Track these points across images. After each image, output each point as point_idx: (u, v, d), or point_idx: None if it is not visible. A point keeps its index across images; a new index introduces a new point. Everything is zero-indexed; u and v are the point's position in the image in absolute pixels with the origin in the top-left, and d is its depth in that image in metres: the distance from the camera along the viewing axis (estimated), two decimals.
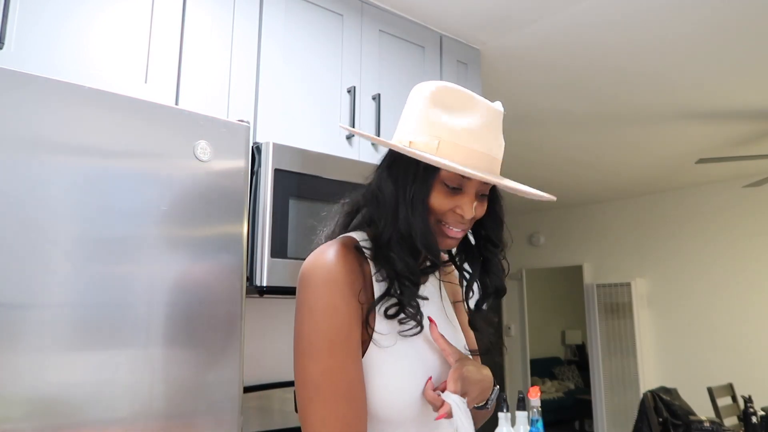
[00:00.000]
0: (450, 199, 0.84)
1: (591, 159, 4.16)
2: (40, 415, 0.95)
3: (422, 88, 0.88)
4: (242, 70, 1.60)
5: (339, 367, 0.77)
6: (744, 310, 4.60)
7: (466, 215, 0.85)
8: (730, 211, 4.77)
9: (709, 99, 2.98)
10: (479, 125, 0.83)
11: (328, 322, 0.78)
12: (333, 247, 0.83)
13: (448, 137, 0.82)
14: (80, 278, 1.02)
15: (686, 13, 2.10)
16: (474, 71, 2.28)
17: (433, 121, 0.84)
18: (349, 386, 0.76)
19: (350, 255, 0.83)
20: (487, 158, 0.84)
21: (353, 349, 0.78)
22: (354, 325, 0.79)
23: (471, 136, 0.83)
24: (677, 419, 3.29)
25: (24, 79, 1.01)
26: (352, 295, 0.80)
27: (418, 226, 0.82)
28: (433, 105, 0.85)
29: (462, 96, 0.85)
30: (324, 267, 0.80)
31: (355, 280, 0.81)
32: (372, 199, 0.88)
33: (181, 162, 1.18)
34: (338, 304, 0.78)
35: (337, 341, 0.77)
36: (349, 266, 0.81)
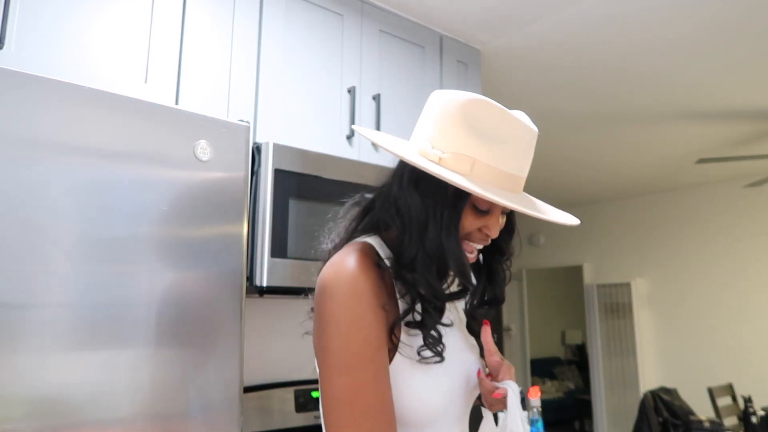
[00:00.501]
0: (478, 220, 0.83)
1: (591, 159, 4.16)
2: (40, 415, 0.95)
3: (453, 98, 0.82)
4: (242, 70, 1.60)
5: (371, 381, 0.74)
6: (744, 310, 4.60)
7: (492, 235, 0.84)
8: (730, 211, 4.77)
9: (709, 99, 2.98)
10: (514, 148, 0.80)
11: (357, 336, 0.75)
12: (353, 256, 0.80)
13: (482, 158, 0.79)
14: (80, 278, 1.02)
15: (686, 12, 2.10)
16: (474, 71, 2.28)
17: (464, 139, 0.79)
18: (381, 400, 0.74)
19: (371, 263, 0.80)
20: (515, 179, 0.81)
21: (382, 360, 0.76)
22: (382, 336, 0.77)
23: (505, 159, 0.80)
24: (677, 419, 3.30)
25: (24, 79, 1.01)
26: (377, 305, 0.77)
27: (452, 250, 0.79)
28: (466, 121, 0.79)
29: (497, 114, 0.80)
30: (347, 277, 0.77)
31: (379, 290, 0.79)
32: (393, 210, 0.84)
33: (181, 162, 1.17)
34: (366, 316, 0.76)
35: (368, 355, 0.75)
36: (372, 275, 0.78)
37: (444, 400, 0.82)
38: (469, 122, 0.79)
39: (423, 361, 0.79)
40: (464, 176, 0.78)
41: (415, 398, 0.79)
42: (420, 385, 0.80)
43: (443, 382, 0.82)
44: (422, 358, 0.79)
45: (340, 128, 1.80)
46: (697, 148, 3.82)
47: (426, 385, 0.80)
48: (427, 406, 0.80)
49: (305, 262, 1.52)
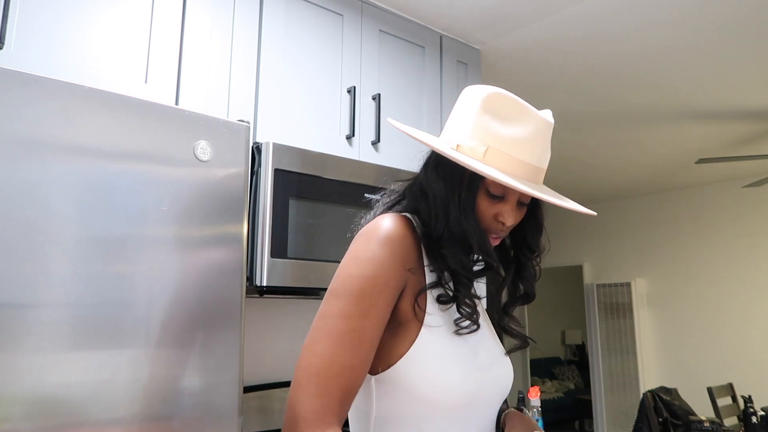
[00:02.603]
0: (492, 206, 0.86)
1: (591, 159, 4.16)
2: (40, 415, 0.95)
3: (475, 91, 0.88)
4: (242, 70, 1.60)
5: (358, 314, 0.75)
6: (744, 310, 4.60)
7: (507, 222, 0.86)
8: (730, 211, 4.77)
9: (709, 99, 2.98)
10: (528, 135, 0.84)
11: (367, 272, 0.77)
12: (392, 216, 0.85)
13: (496, 145, 0.83)
14: (80, 278, 1.02)
15: (686, 13, 2.10)
16: (474, 71, 2.28)
17: (482, 127, 0.84)
18: (359, 335, 0.75)
19: (408, 228, 0.84)
20: (531, 168, 0.84)
21: (380, 306, 0.77)
22: (391, 287, 0.79)
23: (519, 145, 0.83)
24: (677, 419, 3.29)
25: (24, 78, 1.01)
26: (401, 261, 0.80)
27: (472, 230, 0.83)
28: (484, 111, 0.85)
29: (514, 104, 0.85)
30: (383, 227, 0.82)
31: (408, 251, 0.82)
32: (419, 193, 0.89)
33: (181, 162, 1.17)
34: (385, 259, 0.79)
35: (368, 292, 0.77)
36: (406, 236, 0.83)
37: (472, 384, 0.82)
38: (486, 112, 0.85)
39: (460, 331, 0.82)
40: (477, 161, 0.82)
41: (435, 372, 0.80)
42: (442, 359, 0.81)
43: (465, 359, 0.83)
44: (460, 328, 0.82)
45: (340, 128, 1.80)
46: (697, 148, 3.82)
47: (448, 359, 0.81)
48: (447, 380, 0.80)
49: (305, 262, 1.52)
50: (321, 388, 0.72)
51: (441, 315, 0.83)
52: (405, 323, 0.81)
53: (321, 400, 0.71)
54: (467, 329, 0.83)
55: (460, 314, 0.83)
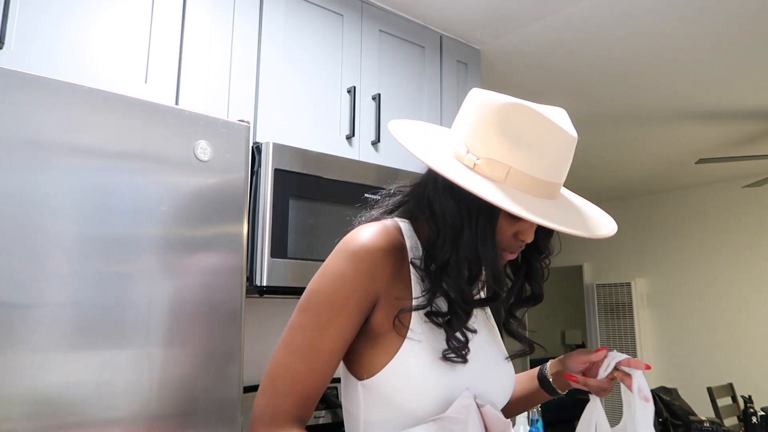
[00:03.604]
0: (512, 226, 0.82)
1: (591, 159, 4.16)
2: (40, 415, 0.95)
3: (492, 101, 0.81)
4: (242, 70, 1.60)
5: (317, 328, 0.77)
6: (744, 310, 4.60)
7: (527, 240, 0.83)
8: (730, 212, 4.77)
9: (709, 99, 2.98)
10: (551, 154, 0.78)
11: (329, 287, 0.78)
12: (374, 228, 0.82)
13: (519, 165, 0.77)
14: (80, 278, 1.02)
15: (686, 13, 2.10)
16: (474, 71, 2.28)
17: (501, 146, 0.78)
18: (316, 348, 0.77)
19: (388, 242, 0.81)
20: (552, 186, 0.80)
21: (341, 320, 0.77)
22: (354, 303, 0.78)
23: (542, 166, 0.78)
24: (677, 419, 3.29)
25: (24, 78, 1.01)
26: (368, 277, 0.78)
27: (488, 257, 0.78)
28: (502, 126, 0.78)
29: (535, 119, 0.78)
30: (352, 241, 0.80)
31: (382, 266, 0.79)
32: (426, 209, 0.83)
33: (181, 162, 1.17)
34: (347, 275, 0.78)
35: (327, 307, 0.78)
36: (378, 250, 0.79)
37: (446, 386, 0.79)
38: (506, 128, 0.78)
39: (446, 361, 0.79)
40: (498, 183, 0.77)
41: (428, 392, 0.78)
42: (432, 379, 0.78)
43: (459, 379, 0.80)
44: (446, 359, 0.79)
45: (340, 128, 1.80)
46: (697, 148, 3.82)
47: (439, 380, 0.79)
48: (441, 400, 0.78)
49: (305, 262, 1.52)
50: (276, 393, 0.77)
51: (428, 331, 0.80)
52: (383, 334, 0.80)
53: (275, 403, 0.77)
54: (454, 360, 0.79)
55: (449, 347, 0.79)
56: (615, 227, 0.87)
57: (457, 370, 0.80)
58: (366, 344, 0.81)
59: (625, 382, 0.90)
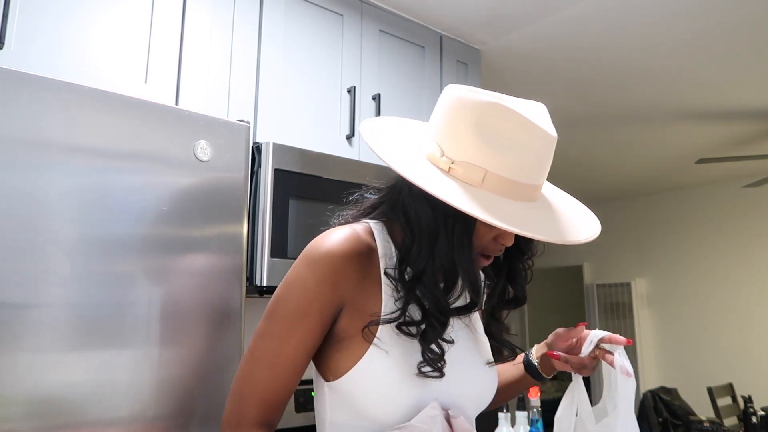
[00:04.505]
0: (491, 230, 0.79)
1: (591, 159, 4.16)
2: (40, 415, 0.95)
3: (469, 101, 0.77)
4: (242, 70, 1.60)
5: (278, 335, 0.78)
6: (744, 310, 4.60)
7: (507, 244, 0.80)
8: (730, 211, 4.77)
9: (709, 99, 2.98)
10: (532, 157, 0.75)
11: (291, 295, 0.79)
12: (345, 232, 0.81)
13: (496, 169, 0.74)
14: (80, 278, 1.02)
15: (686, 13, 2.10)
16: (474, 71, 2.28)
17: (478, 149, 0.74)
18: (277, 354, 0.78)
19: (354, 245, 0.80)
20: (531, 188, 0.77)
21: (303, 330, 0.77)
22: (316, 311, 0.77)
23: (520, 168, 0.75)
24: (677, 419, 3.29)
25: (24, 78, 1.01)
26: (331, 284, 0.77)
27: (464, 265, 0.76)
28: (479, 127, 0.75)
29: (513, 120, 0.74)
30: (317, 247, 0.80)
31: (347, 272, 0.78)
32: (401, 214, 0.81)
33: (181, 162, 1.17)
34: (308, 284, 0.78)
35: (288, 316, 0.78)
36: (343, 256, 0.78)
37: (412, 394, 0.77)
38: (482, 128, 0.75)
39: (421, 376, 0.77)
40: (474, 188, 0.74)
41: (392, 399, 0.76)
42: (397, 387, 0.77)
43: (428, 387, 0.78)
44: (421, 374, 0.77)
45: (340, 128, 1.80)
46: (697, 148, 3.82)
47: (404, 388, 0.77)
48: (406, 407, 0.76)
49: None
50: (241, 399, 0.79)
51: (399, 339, 0.78)
52: (347, 339, 0.79)
53: (240, 409, 0.79)
54: (431, 375, 0.77)
55: (424, 359, 0.77)
56: (597, 230, 0.85)
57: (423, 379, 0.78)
58: (332, 347, 0.81)
59: (606, 359, 0.90)
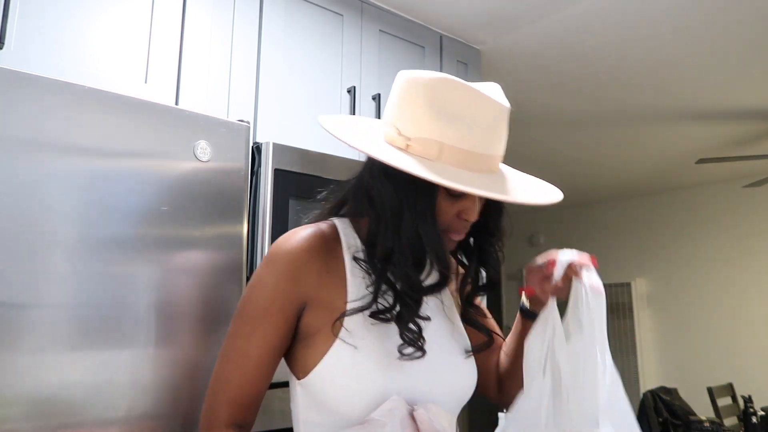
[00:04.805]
0: (453, 205, 0.80)
1: (591, 159, 4.16)
2: (40, 415, 0.95)
3: (420, 79, 0.79)
4: (242, 70, 1.60)
5: (243, 335, 0.80)
6: (744, 310, 4.60)
7: (471, 219, 0.81)
8: (730, 211, 4.77)
9: (709, 99, 2.98)
10: (485, 126, 0.77)
11: (253, 295, 0.80)
12: (306, 231, 0.82)
13: (451, 141, 0.76)
14: (80, 278, 1.02)
15: (687, 13, 2.10)
16: (474, 71, 2.28)
17: (433, 121, 0.76)
18: (243, 354, 0.79)
19: (318, 242, 0.81)
20: (489, 159, 0.78)
21: (266, 328, 0.79)
22: (278, 309, 0.78)
23: (476, 139, 0.76)
24: (677, 419, 3.29)
25: (24, 78, 1.01)
26: (292, 282, 0.79)
27: (430, 238, 0.76)
28: (431, 102, 0.76)
29: (463, 93, 0.77)
30: (277, 247, 0.81)
31: (307, 269, 0.79)
32: (365, 199, 0.82)
33: (181, 162, 1.17)
34: (269, 282, 0.79)
35: (252, 314, 0.80)
36: (304, 252, 0.79)
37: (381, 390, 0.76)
38: (434, 103, 0.76)
39: (404, 359, 0.77)
40: (432, 161, 0.76)
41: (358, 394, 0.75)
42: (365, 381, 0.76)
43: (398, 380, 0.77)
44: (403, 356, 0.76)
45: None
46: (697, 148, 3.82)
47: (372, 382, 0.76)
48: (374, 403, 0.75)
49: None
50: (213, 400, 0.81)
51: (369, 331, 0.78)
52: (313, 335, 0.79)
53: (212, 410, 0.81)
54: (413, 356, 0.77)
55: (403, 340, 0.76)
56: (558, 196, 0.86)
57: (395, 370, 0.77)
58: (299, 344, 0.82)
59: (576, 275, 0.91)
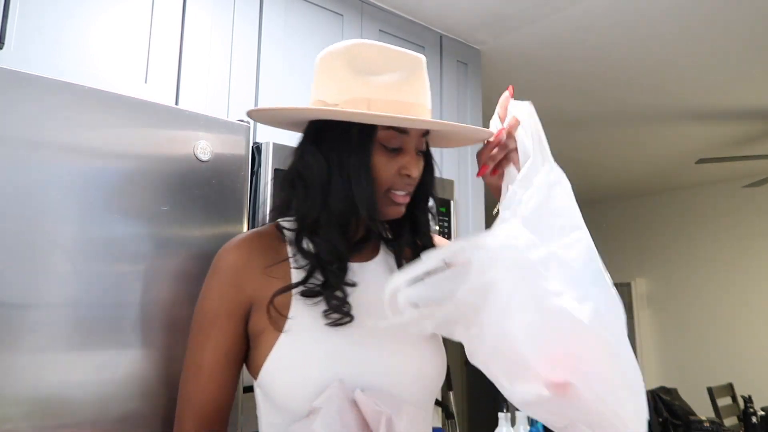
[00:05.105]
0: (392, 161, 0.80)
1: (591, 159, 4.16)
2: (40, 415, 0.95)
3: (333, 48, 0.82)
4: (242, 70, 1.60)
5: (197, 345, 0.81)
6: (744, 310, 4.60)
7: (413, 174, 0.81)
8: (730, 211, 4.77)
9: (709, 99, 2.98)
10: (406, 77, 0.80)
11: (200, 305, 0.83)
12: (242, 235, 0.85)
13: (377, 95, 0.77)
14: (80, 278, 1.02)
15: (687, 13, 2.10)
16: (474, 71, 2.28)
17: (357, 81, 0.78)
18: (198, 364, 0.80)
19: (255, 243, 0.83)
20: (418, 107, 0.80)
21: (215, 337, 0.80)
22: (224, 317, 0.80)
23: (400, 89, 0.79)
24: (677, 419, 3.29)
25: (24, 78, 1.01)
26: (233, 287, 0.80)
27: (362, 194, 0.77)
28: (353, 65, 0.79)
29: (381, 50, 0.81)
30: (219, 254, 0.84)
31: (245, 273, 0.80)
32: (295, 179, 0.82)
33: (181, 162, 1.17)
34: (212, 289, 0.82)
35: (200, 324, 0.82)
36: (241, 257, 0.82)
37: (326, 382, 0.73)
38: (354, 64, 0.79)
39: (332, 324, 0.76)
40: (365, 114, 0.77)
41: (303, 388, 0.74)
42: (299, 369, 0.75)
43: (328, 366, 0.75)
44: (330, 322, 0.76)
45: None
46: (697, 148, 3.82)
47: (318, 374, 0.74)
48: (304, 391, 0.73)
49: None
50: (179, 414, 0.83)
51: (310, 312, 0.77)
52: (261, 333, 0.79)
53: (178, 422, 0.83)
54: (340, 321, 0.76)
55: (329, 306, 0.76)
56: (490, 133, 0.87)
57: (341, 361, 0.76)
58: (251, 346, 0.82)
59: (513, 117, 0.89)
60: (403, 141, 0.80)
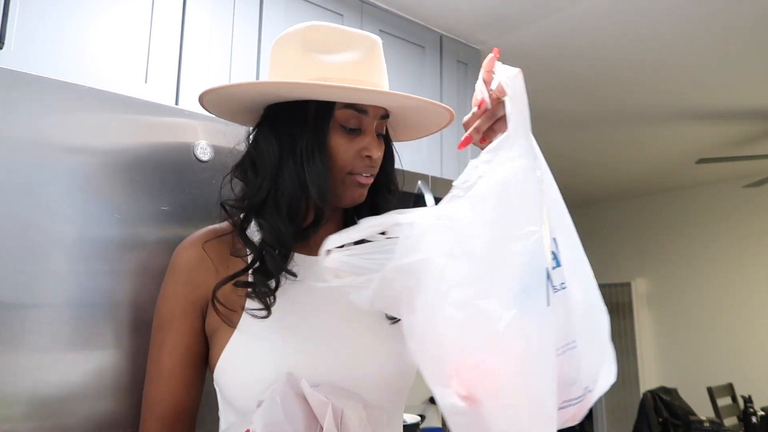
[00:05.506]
0: (351, 143, 0.77)
1: (591, 159, 4.16)
2: (40, 415, 0.95)
3: (287, 32, 0.80)
4: (242, 70, 1.60)
5: (156, 348, 0.81)
6: (744, 310, 4.60)
7: (374, 155, 0.78)
8: (731, 211, 4.77)
9: (708, 99, 2.98)
10: (362, 57, 0.78)
11: (159, 306, 0.83)
12: (196, 233, 0.84)
13: (334, 73, 0.75)
14: (80, 278, 1.02)
15: (687, 13, 2.10)
16: (474, 71, 2.28)
17: (312, 62, 0.76)
18: (157, 368, 0.80)
19: (211, 239, 0.81)
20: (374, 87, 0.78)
21: (172, 338, 0.79)
22: (180, 317, 0.79)
23: (357, 69, 0.77)
24: (677, 419, 3.30)
25: (24, 78, 1.01)
26: (188, 287, 0.79)
27: (314, 173, 0.73)
28: (309, 47, 0.77)
29: (336, 31, 0.78)
30: (175, 254, 0.84)
31: (200, 269, 0.79)
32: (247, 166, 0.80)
33: (181, 162, 1.17)
34: (167, 290, 0.82)
35: (158, 326, 0.81)
36: (195, 255, 0.80)
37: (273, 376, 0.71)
38: (309, 45, 0.77)
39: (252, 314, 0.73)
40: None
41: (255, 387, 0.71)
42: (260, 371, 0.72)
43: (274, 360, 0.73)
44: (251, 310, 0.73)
45: None
46: (697, 148, 3.82)
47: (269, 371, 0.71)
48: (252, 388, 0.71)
49: None
50: (143, 418, 0.82)
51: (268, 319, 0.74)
52: (216, 331, 0.78)
53: (142, 424, 0.82)
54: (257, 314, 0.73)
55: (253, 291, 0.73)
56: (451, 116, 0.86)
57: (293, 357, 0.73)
58: (209, 344, 0.81)
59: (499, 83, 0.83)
60: (362, 121, 0.77)
